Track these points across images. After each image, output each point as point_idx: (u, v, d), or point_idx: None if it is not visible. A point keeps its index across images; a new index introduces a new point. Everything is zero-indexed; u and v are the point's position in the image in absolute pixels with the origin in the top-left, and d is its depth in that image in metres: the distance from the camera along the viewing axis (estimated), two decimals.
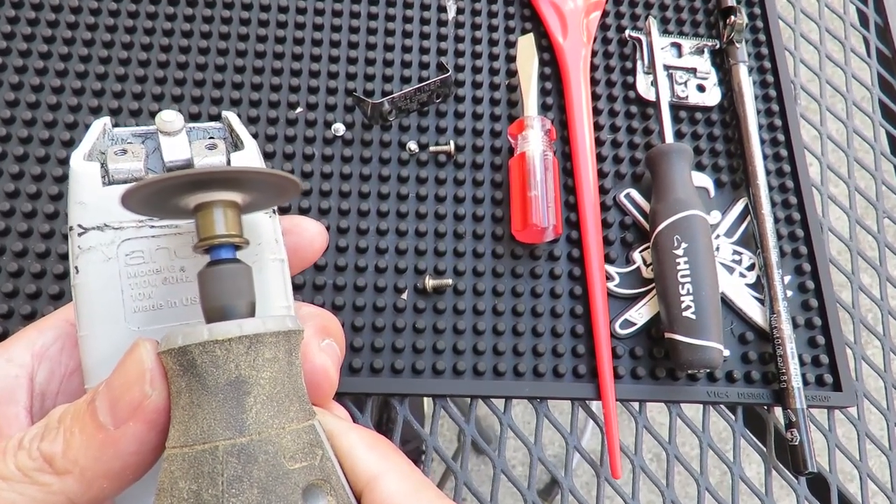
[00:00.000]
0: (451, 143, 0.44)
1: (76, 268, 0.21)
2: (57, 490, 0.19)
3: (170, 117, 0.22)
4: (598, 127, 0.46)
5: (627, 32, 0.49)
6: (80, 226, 0.21)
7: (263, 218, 0.23)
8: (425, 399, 0.77)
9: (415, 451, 0.82)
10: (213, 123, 0.24)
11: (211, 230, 0.19)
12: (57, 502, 0.19)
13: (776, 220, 0.45)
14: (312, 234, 0.25)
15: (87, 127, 0.40)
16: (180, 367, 0.19)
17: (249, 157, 0.23)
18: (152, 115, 0.43)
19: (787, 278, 0.44)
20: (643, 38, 0.48)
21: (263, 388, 0.19)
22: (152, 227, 0.22)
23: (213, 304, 0.19)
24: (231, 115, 0.24)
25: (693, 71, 0.48)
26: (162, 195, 0.18)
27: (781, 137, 0.48)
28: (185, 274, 0.22)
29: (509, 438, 0.97)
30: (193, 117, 0.43)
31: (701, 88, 0.48)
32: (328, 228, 0.41)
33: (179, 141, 0.23)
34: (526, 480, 0.38)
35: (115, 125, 0.24)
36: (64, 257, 0.38)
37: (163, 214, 0.20)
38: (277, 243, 0.23)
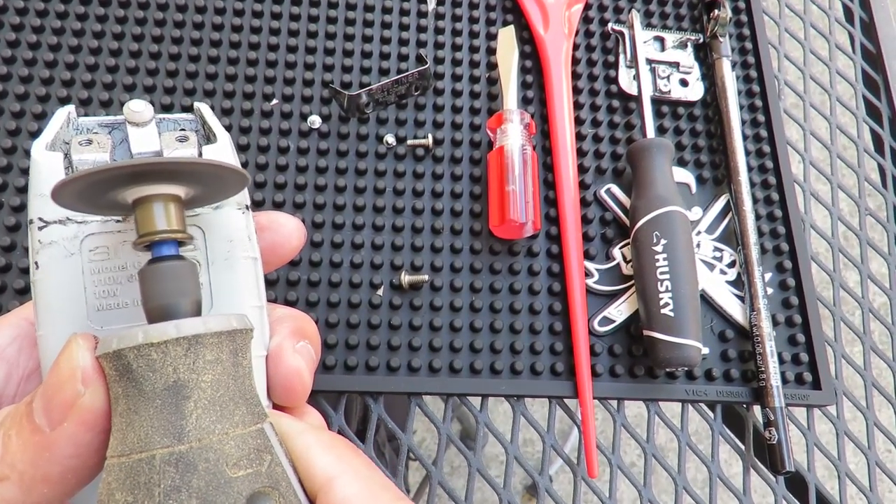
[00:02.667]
0: (430, 136, 0.43)
1: (36, 263, 0.20)
2: None
3: (138, 107, 0.22)
4: (579, 121, 0.46)
5: (610, 26, 0.48)
6: (40, 219, 0.20)
7: (235, 213, 0.22)
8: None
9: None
10: (184, 115, 0.23)
11: (151, 226, 0.18)
12: None
13: (758, 217, 0.45)
14: (289, 230, 0.24)
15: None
16: (116, 372, 0.18)
17: (222, 150, 0.22)
18: (123, 105, 0.42)
19: (768, 275, 0.44)
20: (626, 31, 0.48)
21: (205, 392, 0.18)
22: (118, 220, 0.21)
23: (154, 303, 0.18)
24: (203, 107, 0.23)
25: (676, 65, 0.48)
26: (96, 189, 0.17)
27: (764, 133, 0.48)
28: None
29: (490, 441, 0.96)
30: (166, 108, 0.42)
31: (684, 83, 0.47)
32: (303, 223, 0.40)
33: (148, 132, 0.22)
34: (508, 479, 0.38)
35: (84, 115, 0.23)
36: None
37: (100, 210, 0.19)
38: (250, 240, 0.22)
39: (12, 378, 0.22)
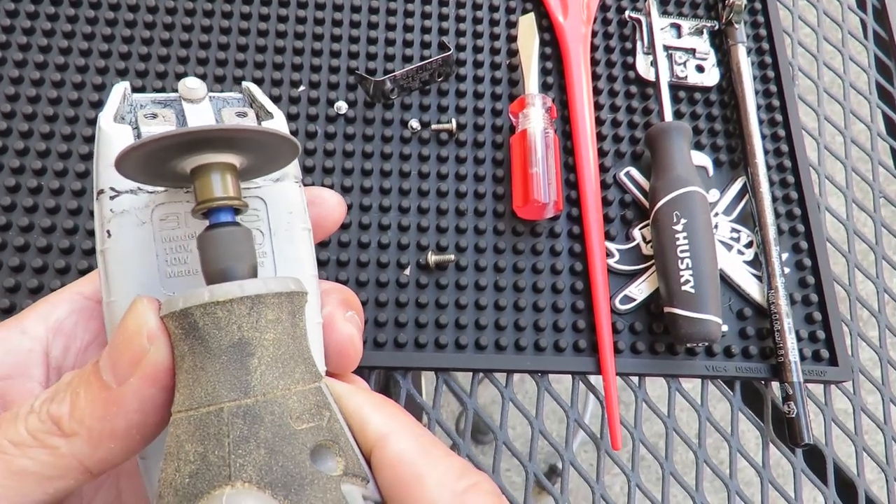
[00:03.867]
0: (453, 121, 0.44)
1: (108, 231, 0.21)
2: (66, 452, 0.19)
3: (194, 84, 0.22)
4: (598, 106, 0.47)
5: (627, 13, 0.49)
6: (112, 188, 0.21)
7: (293, 186, 0.23)
8: (423, 376, 0.77)
9: None
10: (233, 94, 0.24)
11: (209, 193, 0.19)
12: (67, 465, 0.19)
13: (774, 199, 0.46)
14: (333, 204, 0.25)
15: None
16: (182, 331, 0.18)
17: (280, 124, 0.23)
18: (156, 91, 0.43)
19: (785, 255, 0.44)
20: (643, 18, 0.49)
21: (267, 350, 0.18)
22: (187, 191, 0.21)
23: (214, 267, 0.19)
24: (252, 86, 0.24)
25: (692, 51, 0.49)
26: (158, 158, 0.18)
27: (779, 118, 0.48)
28: None
29: (513, 424, 0.97)
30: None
31: (700, 69, 0.48)
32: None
33: (203, 108, 0.22)
34: (534, 453, 0.39)
35: (135, 90, 0.23)
36: (70, 232, 0.39)
37: (160, 181, 0.20)
38: (305, 213, 0.23)
39: (70, 350, 0.23)
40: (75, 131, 0.41)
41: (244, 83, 0.24)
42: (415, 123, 0.44)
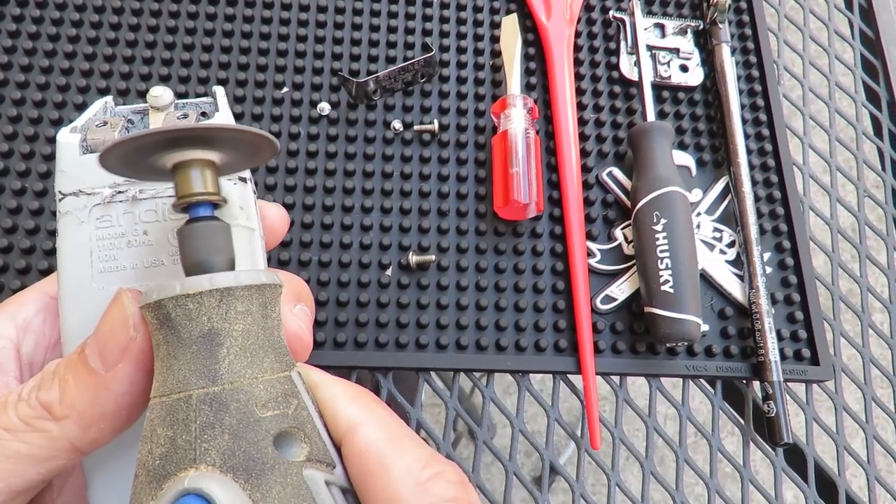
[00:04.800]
0: (436, 122, 0.44)
1: (56, 231, 0.23)
2: (58, 435, 0.20)
3: (157, 92, 0.24)
4: (581, 106, 0.47)
5: (611, 13, 0.49)
6: (60, 192, 0.23)
7: (227, 185, 0.24)
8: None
9: None
10: (203, 99, 0.25)
11: (189, 188, 0.20)
12: (59, 447, 0.20)
13: (757, 199, 0.46)
14: (273, 218, 0.26)
15: (84, 106, 0.41)
16: (157, 321, 0.19)
17: (226, 119, 0.24)
18: (140, 94, 0.43)
19: (767, 255, 0.45)
20: (627, 18, 0.49)
21: (236, 340, 0.19)
22: (120, 192, 0.23)
23: (191, 259, 0.20)
24: (219, 90, 0.25)
25: (676, 51, 0.49)
26: (138, 154, 0.19)
27: (763, 117, 0.48)
28: (148, 237, 0.23)
29: (499, 427, 0.97)
30: (181, 97, 0.43)
31: (684, 68, 0.48)
32: (313, 206, 0.42)
33: (166, 115, 0.24)
34: (514, 452, 0.39)
35: (122, 104, 0.25)
36: (31, 232, 0.39)
37: (142, 175, 0.21)
38: (242, 210, 0.24)
39: (40, 346, 0.24)
40: (38, 132, 0.41)
41: (214, 87, 0.25)
42: (397, 124, 0.44)
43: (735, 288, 0.43)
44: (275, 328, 0.21)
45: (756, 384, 0.42)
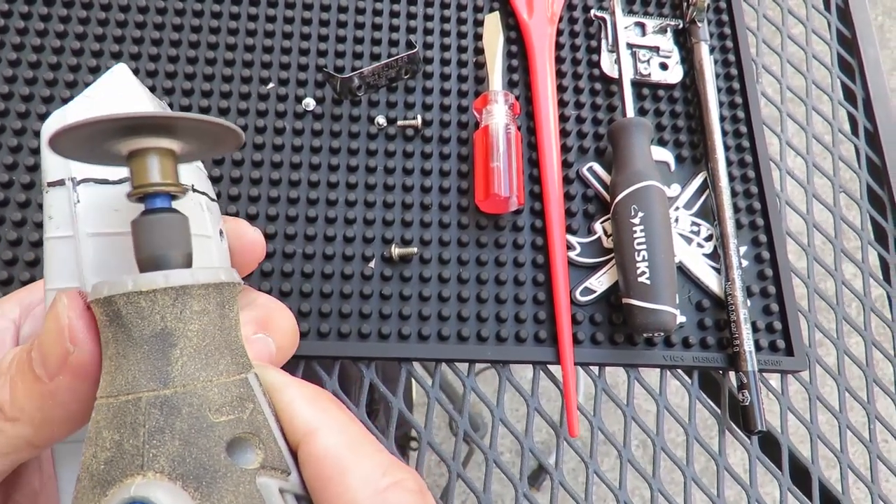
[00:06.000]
0: (419, 117, 0.45)
1: (42, 223, 0.22)
2: (12, 434, 0.20)
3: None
4: (562, 103, 0.48)
5: (593, 12, 0.50)
6: (47, 183, 0.22)
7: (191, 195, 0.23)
8: (414, 387, 0.77)
9: (403, 437, 0.83)
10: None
11: (144, 178, 0.19)
12: (17, 445, 0.20)
13: (734, 194, 0.47)
14: (249, 240, 0.25)
15: (70, 100, 0.41)
16: (107, 318, 0.18)
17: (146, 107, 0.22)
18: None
19: (744, 248, 0.46)
20: (608, 17, 0.50)
21: (191, 341, 0.18)
22: (104, 181, 0.22)
23: (145, 254, 0.19)
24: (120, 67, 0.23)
25: (656, 49, 0.50)
26: (92, 139, 0.18)
27: (741, 115, 0.49)
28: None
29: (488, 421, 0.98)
30: (168, 92, 0.44)
31: (663, 66, 0.49)
32: (297, 200, 0.42)
33: None
34: (494, 440, 0.40)
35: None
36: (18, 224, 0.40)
37: (96, 160, 0.19)
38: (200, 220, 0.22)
39: (36, 333, 0.24)
40: (26, 126, 0.42)
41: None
42: (381, 120, 0.45)
43: (712, 280, 0.44)
44: (232, 328, 0.20)
45: (732, 374, 0.43)
